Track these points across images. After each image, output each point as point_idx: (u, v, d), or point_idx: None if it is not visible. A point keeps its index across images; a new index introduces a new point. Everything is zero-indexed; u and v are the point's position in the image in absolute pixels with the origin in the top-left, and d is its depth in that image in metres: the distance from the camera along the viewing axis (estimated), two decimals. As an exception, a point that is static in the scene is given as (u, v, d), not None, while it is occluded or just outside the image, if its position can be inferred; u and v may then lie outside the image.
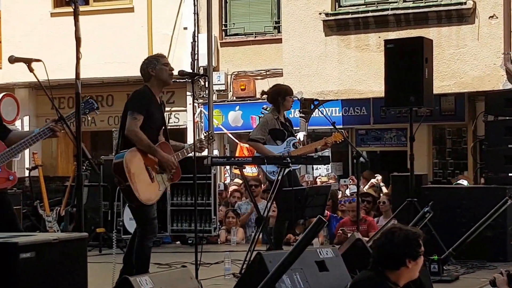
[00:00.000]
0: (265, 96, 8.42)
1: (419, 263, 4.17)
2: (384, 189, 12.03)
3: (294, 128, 8.63)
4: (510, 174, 8.97)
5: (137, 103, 6.16)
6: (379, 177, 12.80)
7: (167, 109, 16.96)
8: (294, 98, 8.26)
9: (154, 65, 6.29)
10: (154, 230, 6.11)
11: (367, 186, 12.60)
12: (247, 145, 15.92)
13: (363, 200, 10.37)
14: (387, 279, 4.12)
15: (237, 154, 15.39)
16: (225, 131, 16.77)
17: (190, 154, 6.54)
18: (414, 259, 4.12)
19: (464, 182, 12.13)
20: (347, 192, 12.37)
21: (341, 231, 9.41)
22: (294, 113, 15.04)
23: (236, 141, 16.66)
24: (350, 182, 12.34)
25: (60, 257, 3.70)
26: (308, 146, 8.41)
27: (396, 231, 4.21)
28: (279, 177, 7.29)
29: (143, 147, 6.09)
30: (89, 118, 5.51)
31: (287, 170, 7.52)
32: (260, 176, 11.30)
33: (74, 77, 5.16)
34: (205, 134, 7.13)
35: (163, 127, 6.44)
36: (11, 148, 5.10)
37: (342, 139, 8.38)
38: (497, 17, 13.77)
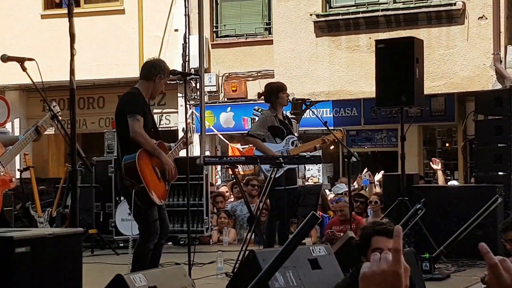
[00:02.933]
0: (262, 97, 8.44)
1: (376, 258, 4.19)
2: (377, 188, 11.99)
3: None
4: (500, 173, 9.04)
5: (135, 105, 6.17)
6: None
7: (158, 110, 17.01)
8: (288, 94, 8.23)
9: (164, 75, 6.31)
10: (156, 232, 6.13)
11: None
12: (238, 146, 15.97)
13: (356, 201, 10.39)
14: None
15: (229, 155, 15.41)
16: (216, 132, 16.79)
17: (183, 155, 6.57)
18: (363, 254, 4.22)
19: (455, 182, 12.18)
20: (342, 191, 12.30)
21: (330, 233, 9.41)
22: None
23: (227, 142, 16.68)
24: (366, 176, 12.22)
25: (55, 251, 3.72)
26: (307, 145, 8.37)
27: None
28: (272, 175, 7.31)
29: (148, 148, 6.10)
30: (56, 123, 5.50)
31: (285, 168, 7.54)
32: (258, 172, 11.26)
33: (64, 79, 5.17)
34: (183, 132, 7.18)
35: (153, 128, 6.46)
36: (9, 152, 5.12)
37: (342, 137, 8.39)
38: (486, 18, 13.85)
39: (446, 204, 8.61)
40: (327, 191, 12.63)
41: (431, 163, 10.66)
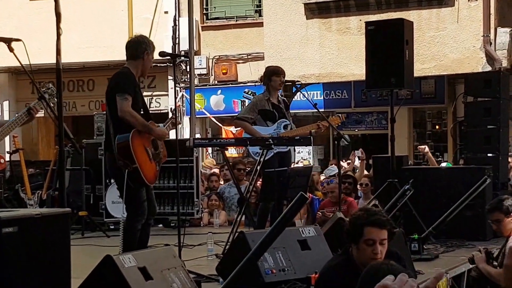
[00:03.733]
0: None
1: (366, 246, 4.21)
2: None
3: None
4: (489, 155, 9.09)
5: (124, 84, 6.13)
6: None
7: (148, 93, 16.97)
8: (282, 78, 8.15)
9: (150, 50, 6.28)
10: (144, 213, 6.14)
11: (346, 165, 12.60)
12: (231, 129, 15.95)
13: (344, 182, 10.40)
14: (354, 262, 4.25)
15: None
16: (208, 115, 16.77)
17: (173, 137, 6.57)
18: (355, 243, 4.24)
19: (444, 164, 12.24)
20: (331, 173, 12.32)
21: (320, 213, 9.45)
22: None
23: (219, 124, 16.66)
24: (359, 153, 12.28)
25: (43, 232, 3.72)
26: (301, 129, 8.31)
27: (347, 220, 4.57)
28: (261, 159, 7.31)
29: (139, 126, 6.07)
30: (51, 105, 5.46)
31: (275, 151, 7.54)
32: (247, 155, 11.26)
33: (53, 62, 5.13)
34: (172, 112, 7.17)
35: (143, 109, 6.44)
36: None
37: (339, 123, 8.39)
38: (476, 0, 13.85)
39: (435, 185, 8.65)
40: (316, 173, 12.66)
41: (419, 147, 10.76)
